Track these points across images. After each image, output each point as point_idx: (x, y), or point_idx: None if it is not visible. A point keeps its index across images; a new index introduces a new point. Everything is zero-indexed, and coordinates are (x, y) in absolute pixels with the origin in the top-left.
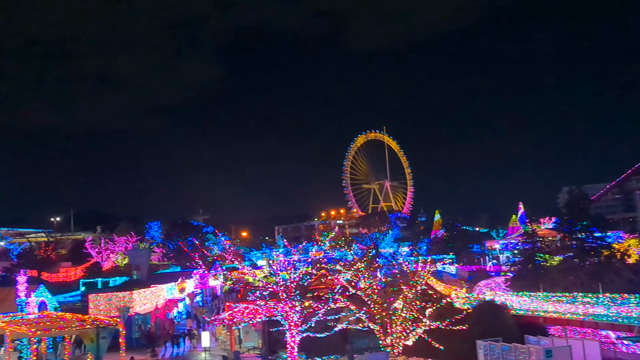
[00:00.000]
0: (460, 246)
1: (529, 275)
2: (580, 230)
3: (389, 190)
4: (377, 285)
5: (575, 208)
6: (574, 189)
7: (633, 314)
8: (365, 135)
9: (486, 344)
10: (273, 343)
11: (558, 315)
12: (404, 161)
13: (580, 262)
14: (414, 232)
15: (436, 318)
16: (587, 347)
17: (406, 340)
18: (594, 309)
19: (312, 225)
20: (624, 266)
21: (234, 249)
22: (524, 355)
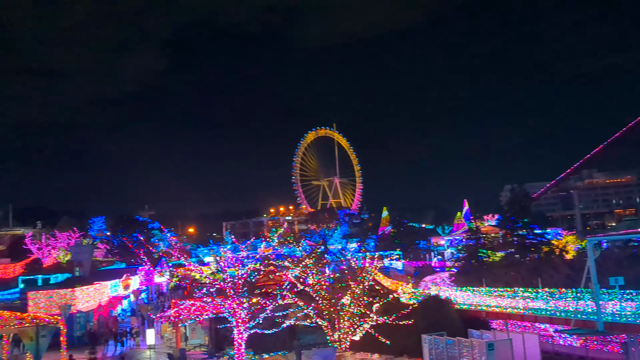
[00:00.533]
0: (407, 242)
1: (473, 271)
2: (521, 227)
3: (338, 187)
4: (325, 282)
5: (517, 206)
6: (516, 187)
7: (570, 308)
8: (315, 131)
9: (431, 338)
10: (220, 340)
11: (500, 310)
12: (354, 158)
13: (521, 258)
14: (362, 228)
15: (383, 313)
16: (527, 340)
17: (353, 335)
18: (533, 303)
19: (260, 221)
20: (562, 262)
21: (181, 245)
22: (467, 349)
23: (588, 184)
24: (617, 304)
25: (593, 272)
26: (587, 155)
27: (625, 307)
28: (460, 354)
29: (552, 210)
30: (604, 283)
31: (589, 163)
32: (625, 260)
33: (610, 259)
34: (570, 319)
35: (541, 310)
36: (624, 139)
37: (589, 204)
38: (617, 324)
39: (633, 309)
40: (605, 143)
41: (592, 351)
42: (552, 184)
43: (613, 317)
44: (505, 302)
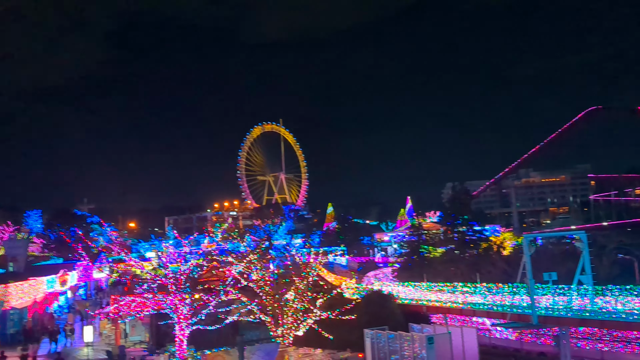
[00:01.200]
0: (351, 238)
1: (414, 266)
2: (461, 224)
3: (283, 183)
4: (269, 277)
5: (457, 203)
6: (457, 185)
7: (506, 302)
8: (261, 126)
9: (373, 333)
10: (161, 337)
11: (440, 304)
12: (300, 154)
13: (460, 254)
14: (307, 224)
15: (326, 308)
16: (465, 333)
17: (297, 330)
18: (472, 298)
19: (204, 216)
20: (500, 258)
21: (121, 240)
22: (408, 343)
23: (525, 182)
24: (550, 298)
25: (528, 267)
26: (525, 155)
27: (557, 302)
28: (402, 347)
29: (491, 207)
30: (539, 278)
31: (526, 163)
32: (559, 256)
33: (545, 255)
34: (507, 312)
35: (479, 305)
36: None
37: (526, 202)
38: (550, 317)
39: (565, 303)
40: (542, 144)
41: (527, 344)
42: (491, 182)
43: (546, 311)
44: (445, 297)
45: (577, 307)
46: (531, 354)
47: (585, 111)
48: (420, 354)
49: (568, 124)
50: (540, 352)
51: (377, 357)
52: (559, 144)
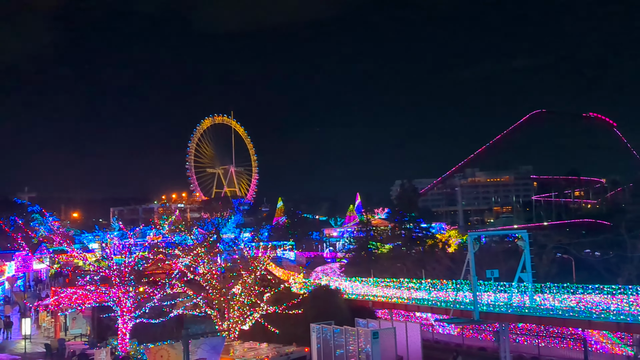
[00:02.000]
0: (300, 233)
1: (362, 262)
2: (408, 221)
3: (233, 176)
4: (216, 271)
5: (405, 200)
6: (405, 183)
7: (450, 298)
8: (212, 118)
9: (319, 327)
10: (103, 330)
11: (386, 300)
12: (251, 148)
13: (407, 250)
14: (256, 218)
15: (273, 303)
16: (409, 328)
17: (243, 324)
18: (417, 294)
19: (151, 208)
20: (445, 254)
21: (63, 230)
22: (353, 337)
23: (471, 182)
24: (491, 295)
25: (472, 265)
26: (471, 155)
27: (499, 298)
28: (347, 342)
29: (437, 205)
30: (481, 275)
31: (472, 162)
32: (501, 254)
33: (488, 253)
34: (450, 308)
35: (423, 301)
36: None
37: (471, 201)
38: (491, 313)
39: (505, 299)
40: (487, 145)
41: (468, 339)
42: (438, 181)
43: (488, 307)
44: (391, 292)
45: (517, 304)
46: (472, 349)
47: (529, 114)
48: (365, 349)
49: (513, 125)
50: (481, 347)
51: (322, 352)
52: (504, 145)
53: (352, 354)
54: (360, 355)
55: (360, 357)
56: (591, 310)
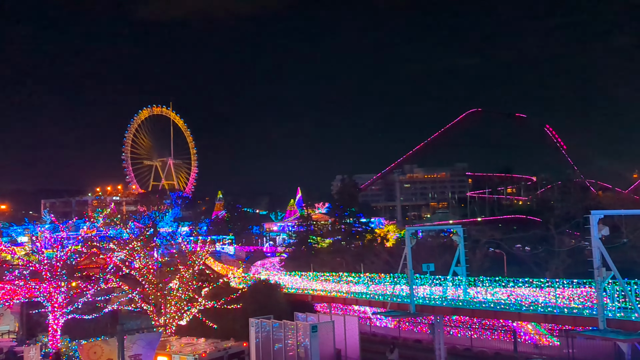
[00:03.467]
0: (240, 227)
1: (302, 256)
2: (349, 215)
3: (171, 168)
4: (153, 265)
5: (346, 195)
6: (346, 178)
7: (387, 292)
8: (149, 109)
9: (258, 322)
10: (32, 326)
11: (325, 294)
12: (190, 141)
13: (347, 245)
14: (195, 212)
15: (212, 297)
16: (347, 322)
17: (180, 320)
18: (355, 288)
19: (85, 200)
20: (383, 249)
21: None
22: (292, 331)
23: (409, 178)
24: (427, 288)
25: (409, 259)
26: (410, 152)
27: (434, 292)
28: (286, 336)
29: (376, 200)
30: (418, 269)
31: (410, 159)
32: (437, 248)
33: (425, 247)
34: (387, 302)
35: (362, 294)
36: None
37: (409, 197)
38: (427, 306)
39: (440, 293)
40: (425, 142)
41: (405, 332)
42: (377, 177)
43: (424, 301)
44: (330, 286)
45: (452, 297)
46: (408, 341)
47: (466, 112)
48: (303, 342)
49: (450, 123)
50: (417, 339)
51: (261, 346)
52: (441, 142)
53: (291, 348)
54: (299, 349)
55: (299, 351)
56: (521, 303)
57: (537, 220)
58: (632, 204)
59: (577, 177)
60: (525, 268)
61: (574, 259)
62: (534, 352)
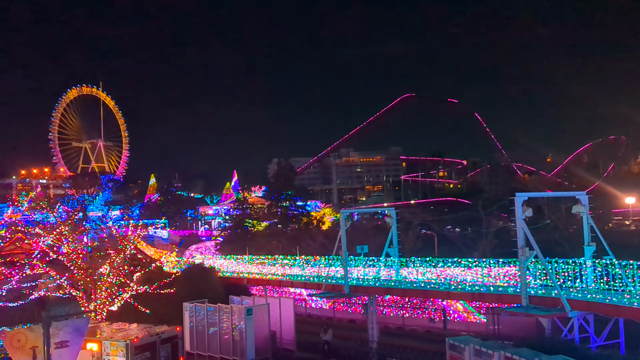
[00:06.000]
0: (174, 211)
1: (238, 240)
2: (285, 199)
3: (102, 151)
4: (82, 250)
5: (282, 178)
6: (282, 161)
7: (322, 274)
8: (78, 89)
9: (192, 306)
10: None
11: (260, 277)
12: (122, 123)
13: (283, 228)
14: (127, 195)
15: (144, 282)
16: (282, 304)
17: (111, 305)
18: (291, 270)
19: (9, 183)
20: (319, 232)
21: None
22: (227, 315)
23: (345, 161)
24: (361, 269)
25: (344, 241)
26: (345, 136)
27: (367, 273)
28: (221, 319)
29: (313, 184)
30: (353, 251)
31: (346, 143)
32: (372, 230)
33: (359, 229)
34: (322, 283)
35: (297, 276)
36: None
37: (345, 180)
38: (360, 287)
39: (374, 273)
40: (361, 126)
41: (339, 312)
42: (314, 160)
43: (357, 281)
44: (266, 269)
45: (384, 278)
46: (342, 321)
47: (400, 97)
48: (239, 326)
49: (385, 108)
50: (351, 319)
51: (195, 330)
52: (376, 126)
53: (226, 331)
54: (234, 333)
55: (234, 334)
56: (450, 283)
57: (467, 202)
58: (555, 186)
59: (504, 161)
60: (455, 249)
61: (500, 239)
62: (462, 329)
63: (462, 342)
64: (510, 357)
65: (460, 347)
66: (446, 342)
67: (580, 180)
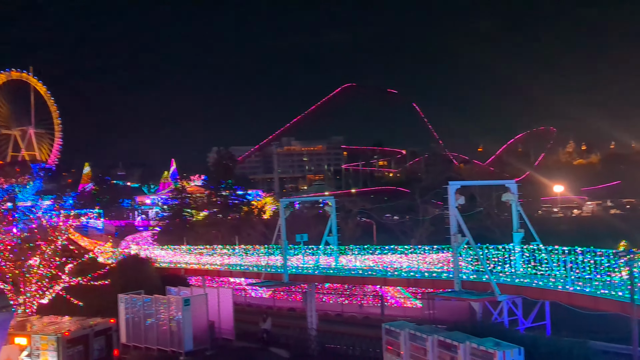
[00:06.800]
0: (109, 200)
1: (176, 230)
2: (225, 188)
3: (32, 138)
4: (10, 242)
5: (221, 167)
6: (222, 150)
7: (262, 263)
8: (7, 73)
9: (128, 297)
10: None
11: (199, 267)
12: (54, 110)
13: (223, 217)
14: (59, 184)
15: (77, 274)
16: (221, 294)
17: (42, 298)
18: (230, 260)
19: None
20: (260, 221)
21: None
22: (164, 306)
23: (287, 150)
24: (301, 258)
25: (283, 230)
26: (287, 124)
27: (307, 261)
28: (158, 311)
29: (254, 173)
30: (292, 240)
31: (288, 131)
32: (312, 219)
33: (300, 218)
34: (262, 272)
35: (236, 266)
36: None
37: (286, 169)
38: (300, 275)
39: (313, 262)
40: (303, 114)
41: (279, 301)
42: (255, 149)
43: (297, 270)
44: (204, 259)
45: (324, 266)
46: (282, 310)
47: (341, 87)
48: (176, 316)
49: (326, 97)
50: (291, 307)
51: (131, 322)
52: (318, 115)
53: (163, 322)
54: (172, 324)
55: (171, 325)
56: (387, 269)
57: (406, 191)
58: (488, 175)
59: (441, 150)
60: (393, 236)
61: (436, 226)
62: (399, 315)
63: (397, 327)
64: (443, 341)
65: (395, 332)
66: (382, 328)
67: (513, 169)
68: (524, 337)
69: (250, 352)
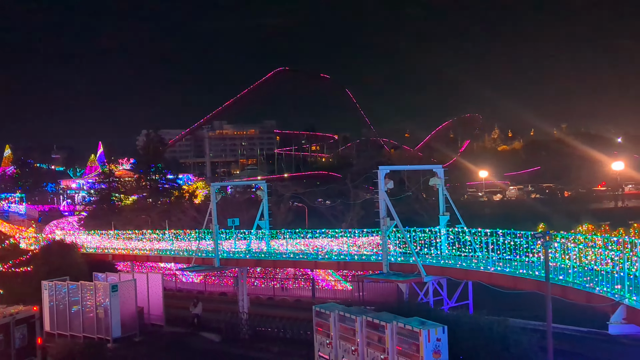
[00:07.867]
0: (32, 184)
1: (103, 214)
2: (155, 172)
3: None
4: None
5: (151, 151)
6: (151, 132)
7: (192, 248)
8: None
9: (52, 284)
10: None
11: (127, 252)
12: None
13: (153, 202)
14: None
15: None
16: (150, 279)
17: None
18: (159, 245)
19: None
20: (191, 205)
21: None
22: (90, 293)
23: (219, 134)
24: (232, 242)
25: (214, 214)
26: (219, 108)
27: (239, 245)
28: (84, 297)
29: (185, 157)
30: (224, 224)
31: (220, 115)
32: (244, 203)
33: (232, 202)
34: (192, 257)
35: (166, 251)
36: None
37: (219, 153)
38: (231, 259)
39: (244, 246)
40: (235, 98)
41: (210, 285)
42: (186, 132)
43: (228, 254)
44: (133, 245)
45: (255, 250)
46: (214, 294)
47: (274, 71)
48: (103, 303)
49: (259, 81)
50: (222, 292)
51: (56, 309)
52: (250, 99)
53: (90, 309)
54: (98, 310)
55: (98, 312)
56: (318, 253)
57: (338, 175)
58: (416, 160)
59: (372, 135)
60: (325, 220)
61: (367, 210)
62: (330, 297)
63: (327, 309)
64: (371, 321)
65: (325, 314)
66: (313, 310)
67: (441, 155)
68: (448, 316)
69: (181, 337)
